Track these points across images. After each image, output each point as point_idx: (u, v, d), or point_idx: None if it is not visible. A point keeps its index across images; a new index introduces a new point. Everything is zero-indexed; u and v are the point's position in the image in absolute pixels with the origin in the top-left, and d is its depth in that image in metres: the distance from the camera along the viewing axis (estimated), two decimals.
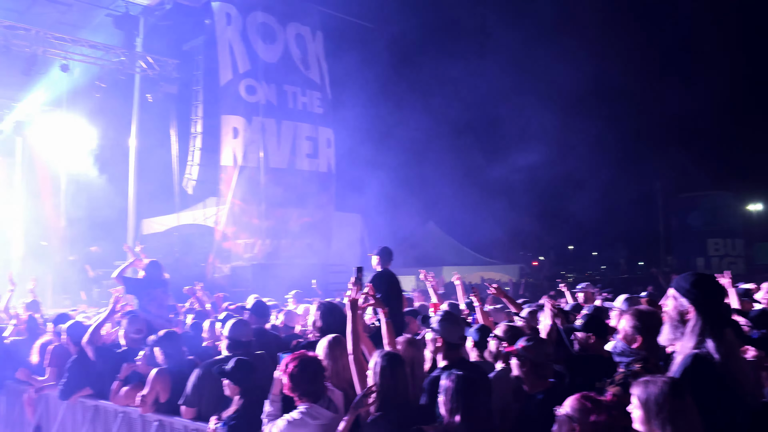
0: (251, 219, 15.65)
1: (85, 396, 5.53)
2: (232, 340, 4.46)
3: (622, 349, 3.39)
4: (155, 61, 15.27)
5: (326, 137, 17.49)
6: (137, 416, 4.96)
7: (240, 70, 16.03)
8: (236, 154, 15.79)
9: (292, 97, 16.94)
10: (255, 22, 16.34)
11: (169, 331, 5.08)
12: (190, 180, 16.19)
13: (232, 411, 3.81)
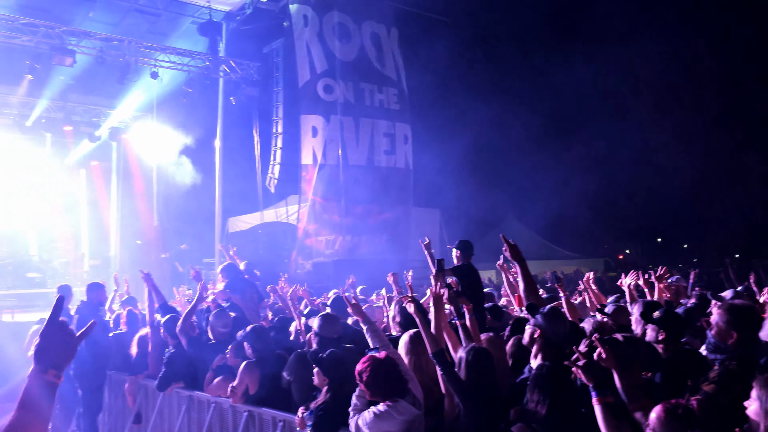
0: (332, 216, 15.92)
1: (179, 386, 5.83)
2: (322, 336, 4.53)
3: (716, 345, 3.25)
4: (237, 65, 15.79)
5: (403, 133, 17.54)
6: (228, 406, 5.17)
7: (317, 70, 16.31)
8: (316, 153, 16.09)
9: (369, 95, 17.07)
10: (331, 22, 16.58)
11: (257, 326, 5.25)
12: (273, 179, 16.64)
13: (320, 402, 3.89)
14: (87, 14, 14.85)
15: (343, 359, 3.94)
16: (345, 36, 16.82)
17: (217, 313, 5.86)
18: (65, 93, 17.05)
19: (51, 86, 16.20)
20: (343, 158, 16.18)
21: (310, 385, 4.18)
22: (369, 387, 3.40)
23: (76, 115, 17.74)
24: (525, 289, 4.35)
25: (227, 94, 16.07)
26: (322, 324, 4.58)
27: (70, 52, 13.36)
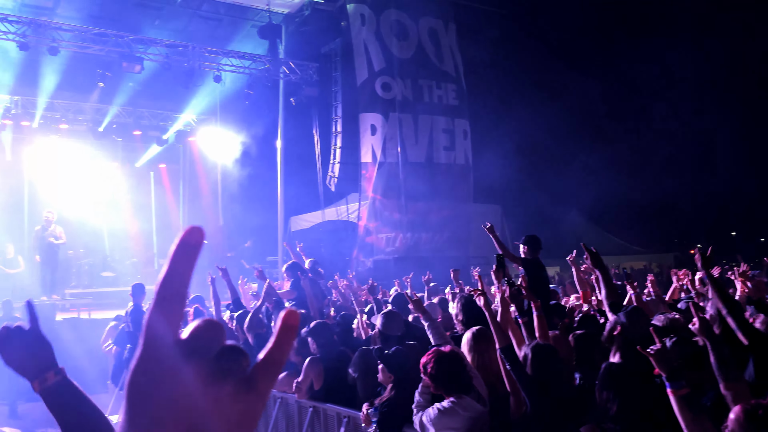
0: (392, 213, 15.95)
1: None
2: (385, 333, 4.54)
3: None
4: (296, 66, 16.01)
5: (462, 129, 17.39)
6: (293, 402, 5.26)
7: (375, 69, 16.35)
8: (375, 151, 16.15)
9: (428, 91, 17.01)
10: (388, 20, 16.60)
11: (320, 322, 5.32)
12: (333, 177, 16.82)
13: (385, 398, 3.90)
14: (153, 22, 15.37)
15: (408, 356, 3.94)
16: (402, 33, 16.81)
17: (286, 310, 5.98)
18: (134, 99, 17.69)
19: (121, 93, 16.85)
20: (403, 155, 16.18)
21: (374, 381, 4.20)
22: (433, 380, 3.38)
23: (145, 119, 18.38)
24: (607, 295, 4.27)
25: (287, 95, 16.33)
26: (385, 321, 4.59)
27: (138, 60, 13.86)
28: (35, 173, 18.43)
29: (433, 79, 17.15)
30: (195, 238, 0.63)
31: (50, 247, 14.07)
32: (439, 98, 17.10)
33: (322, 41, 17.24)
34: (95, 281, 16.60)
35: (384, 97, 16.37)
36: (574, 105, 20.02)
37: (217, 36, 16.33)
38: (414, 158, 16.51)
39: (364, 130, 16.35)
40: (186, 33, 15.60)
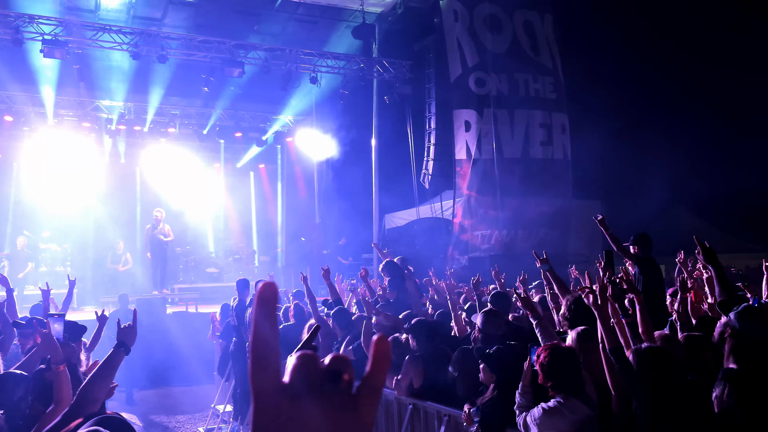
0: (487, 210, 15.74)
1: None
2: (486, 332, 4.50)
3: None
4: (390, 65, 16.13)
5: (561, 123, 16.90)
6: (393, 399, 5.30)
7: (469, 64, 16.18)
8: (470, 147, 16.00)
9: (524, 85, 16.65)
10: (482, 15, 16.38)
11: (420, 319, 5.33)
12: (427, 175, 16.81)
13: (487, 398, 3.86)
14: (252, 28, 15.94)
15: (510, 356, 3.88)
16: (496, 27, 16.54)
17: (381, 307, 6.03)
18: (235, 102, 18.45)
19: (223, 97, 17.61)
20: (498, 152, 15.92)
21: (474, 381, 4.16)
22: (545, 373, 3.31)
23: (245, 121, 19.12)
24: (721, 293, 4.03)
25: (381, 94, 16.47)
26: (486, 320, 4.53)
27: (239, 64, 14.42)
28: (146, 175, 19.59)
29: (529, 72, 16.76)
30: (269, 293, 0.67)
31: (159, 244, 14.92)
32: (536, 92, 16.69)
33: (415, 39, 17.26)
34: (200, 277, 17.44)
35: (478, 92, 16.17)
36: (681, 96, 18.97)
37: (313, 38, 16.71)
38: (510, 154, 16.21)
39: (458, 126, 16.23)
40: (283, 36, 16.07)
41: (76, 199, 17.63)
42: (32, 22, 13.05)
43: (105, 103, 17.30)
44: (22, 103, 16.73)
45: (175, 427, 9.39)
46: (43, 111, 16.67)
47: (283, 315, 8.26)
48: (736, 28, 18.96)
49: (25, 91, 16.08)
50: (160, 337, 11.43)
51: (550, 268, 5.47)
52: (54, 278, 16.27)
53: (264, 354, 0.65)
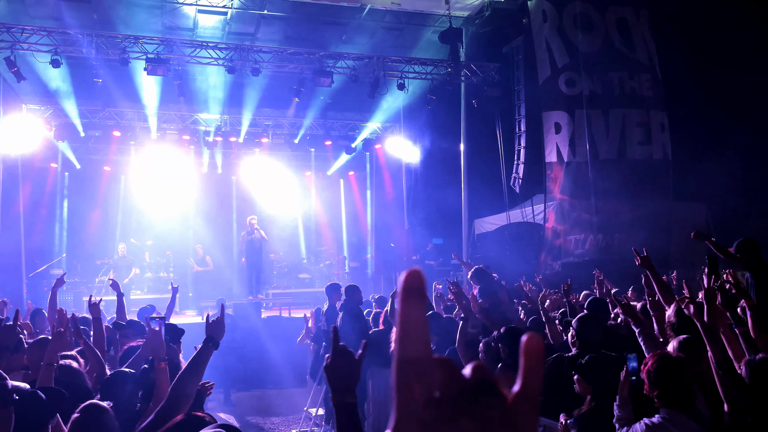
0: (581, 214, 15.20)
1: None
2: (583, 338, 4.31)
3: None
4: (478, 68, 15.94)
5: (659, 121, 16.09)
6: None
7: (558, 65, 15.75)
8: (561, 150, 15.54)
9: (618, 84, 16.00)
10: (572, 14, 15.88)
11: (511, 327, 5.18)
12: (517, 179, 16.47)
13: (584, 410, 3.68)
14: (341, 38, 16.21)
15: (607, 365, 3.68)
16: (587, 26, 15.98)
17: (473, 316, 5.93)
18: (324, 111, 18.84)
19: (313, 106, 18.02)
20: (592, 153, 15.35)
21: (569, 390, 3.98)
22: (651, 383, 3.10)
23: (335, 130, 19.47)
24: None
25: (469, 98, 16.30)
26: (581, 326, 4.33)
27: (328, 74, 14.69)
28: (241, 184, 20.35)
29: (624, 70, 16.08)
30: (417, 282, 0.57)
31: (255, 250, 15.40)
32: (631, 90, 15.99)
33: (503, 41, 16.98)
34: (293, 282, 17.88)
35: (569, 93, 15.68)
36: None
37: (400, 45, 16.79)
38: (605, 155, 15.60)
39: (547, 129, 15.80)
40: (370, 45, 16.24)
41: (177, 209, 18.56)
42: (137, 43, 13.84)
43: (203, 117, 18.12)
44: (128, 119, 17.80)
45: (270, 428, 9.62)
46: (147, 126, 17.66)
47: (373, 321, 8.29)
48: None
49: (131, 107, 17.10)
50: (255, 340, 11.77)
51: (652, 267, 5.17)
52: (157, 283, 17.22)
53: (415, 360, 0.55)
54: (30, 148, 16.59)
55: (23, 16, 14.29)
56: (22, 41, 13.22)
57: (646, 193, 15.43)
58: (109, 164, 19.30)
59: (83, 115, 17.09)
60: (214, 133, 18.32)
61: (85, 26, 13.61)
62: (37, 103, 16.88)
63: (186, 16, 15.08)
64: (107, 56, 13.68)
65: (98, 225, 18.61)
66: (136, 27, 14.54)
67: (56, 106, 16.66)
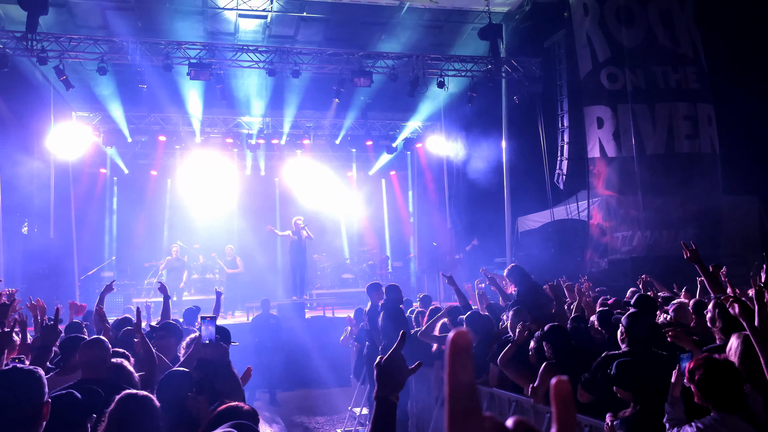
0: (628, 211, 14.86)
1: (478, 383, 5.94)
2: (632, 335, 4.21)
3: None
4: (518, 63, 15.75)
5: (706, 114, 15.61)
6: (529, 407, 5.10)
7: (599, 59, 15.46)
8: (604, 145, 15.25)
9: (662, 77, 15.59)
10: (613, 7, 15.55)
11: (556, 325, 5.10)
12: (561, 175, 16.20)
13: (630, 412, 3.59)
14: (380, 37, 16.23)
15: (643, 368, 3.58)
16: (629, 19, 15.61)
17: (516, 311, 5.85)
18: (365, 111, 18.91)
19: (353, 107, 18.11)
20: (639, 148, 15.00)
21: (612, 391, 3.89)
22: (700, 389, 3.00)
23: (375, 130, 19.53)
24: None
25: (510, 94, 16.12)
26: (631, 323, 4.24)
27: (367, 74, 14.72)
28: (284, 185, 20.59)
29: (668, 63, 15.66)
30: (463, 343, 0.60)
31: (299, 251, 15.51)
32: (677, 83, 15.55)
33: (544, 35, 16.73)
34: (336, 283, 17.98)
35: (610, 88, 15.36)
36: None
37: (439, 42, 16.71)
38: (652, 150, 15.22)
39: (589, 123, 15.51)
40: (410, 44, 16.20)
41: (222, 211, 18.91)
42: (179, 48, 14.13)
43: (245, 120, 18.42)
44: (173, 124, 18.22)
45: (315, 428, 9.70)
46: (191, 130, 18.05)
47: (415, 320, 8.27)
48: None
49: (176, 112, 17.49)
50: (300, 340, 11.89)
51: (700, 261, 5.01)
52: (204, 285, 17.56)
53: (464, 416, 0.57)
54: (80, 155, 17.16)
55: (71, 26, 14.76)
56: (70, 50, 13.64)
57: (694, 189, 15.01)
58: (155, 168, 19.78)
59: (130, 120, 17.57)
60: (257, 135, 18.60)
61: (130, 34, 13.96)
62: (86, 110, 17.43)
63: (227, 20, 15.32)
64: (151, 62, 14.00)
65: (146, 228, 19.09)
66: (179, 33, 14.85)
67: (104, 113, 17.17)
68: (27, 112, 14.89)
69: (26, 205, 14.88)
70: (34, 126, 15.35)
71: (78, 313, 7.27)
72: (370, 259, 19.07)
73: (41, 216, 15.87)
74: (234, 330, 11.59)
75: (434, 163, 19.69)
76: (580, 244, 15.07)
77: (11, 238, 13.97)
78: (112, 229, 19.33)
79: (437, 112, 18.69)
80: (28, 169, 14.52)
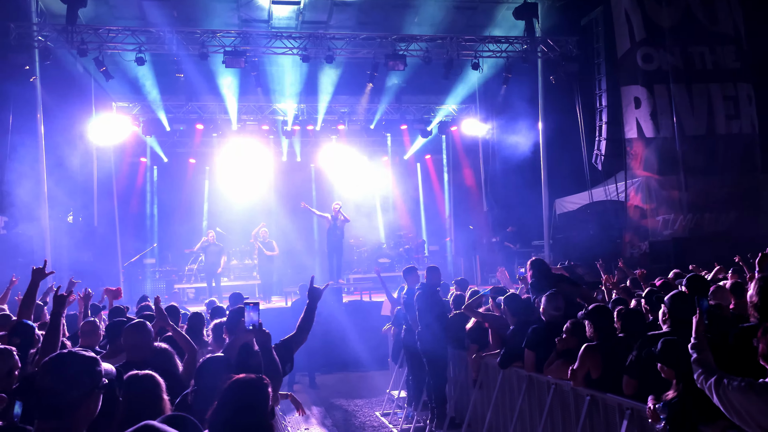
0: (669, 192, 14.54)
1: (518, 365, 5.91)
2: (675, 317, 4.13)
3: None
4: (555, 42, 15.44)
5: (746, 94, 15.17)
6: (569, 390, 5.05)
7: (637, 39, 15.09)
8: (642, 125, 14.93)
9: (699, 57, 15.18)
10: None
11: (600, 305, 5.03)
12: (599, 155, 15.91)
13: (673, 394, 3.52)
14: (413, 20, 16.07)
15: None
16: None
17: (549, 296, 5.78)
18: (399, 95, 18.82)
19: (387, 91, 18.04)
20: (678, 129, 14.65)
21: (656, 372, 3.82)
22: (756, 308, 2.93)
23: (410, 114, 19.45)
24: None
25: (546, 74, 15.83)
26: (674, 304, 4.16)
27: (401, 57, 14.61)
28: (320, 171, 20.70)
29: (706, 43, 15.21)
30: None
31: (337, 236, 15.59)
32: (714, 63, 15.11)
33: (581, 13, 16.35)
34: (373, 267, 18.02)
35: (646, 68, 15.01)
36: None
37: (473, 24, 16.47)
38: (692, 131, 14.85)
39: (626, 103, 15.19)
40: (443, 26, 16.01)
41: (259, 197, 19.11)
42: (214, 37, 14.25)
43: (280, 106, 18.51)
44: (210, 112, 18.43)
45: (354, 410, 9.79)
46: (228, 118, 18.22)
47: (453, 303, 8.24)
48: None
49: (212, 100, 17.66)
50: (338, 324, 11.98)
51: None
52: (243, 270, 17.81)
53: None
54: (121, 144, 17.51)
55: (108, 18, 14.99)
56: (109, 41, 13.89)
57: (735, 169, 14.64)
58: (194, 156, 20.08)
59: (168, 110, 17.83)
60: (292, 122, 18.68)
61: (166, 24, 14.11)
62: (126, 100, 17.75)
63: (260, 8, 15.36)
64: (188, 51, 14.14)
65: (185, 215, 19.41)
66: (214, 21, 14.95)
67: (143, 103, 17.46)
68: (69, 104, 15.23)
69: (71, 195, 15.26)
70: (77, 117, 15.70)
71: (116, 297, 7.42)
72: (406, 243, 19.07)
73: (85, 205, 16.28)
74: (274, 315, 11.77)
75: (469, 145, 19.52)
76: (619, 227, 14.80)
77: (57, 227, 14.36)
78: (153, 216, 19.70)
79: (472, 95, 18.49)
80: (72, 160, 14.87)
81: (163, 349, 4.29)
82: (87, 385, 2.26)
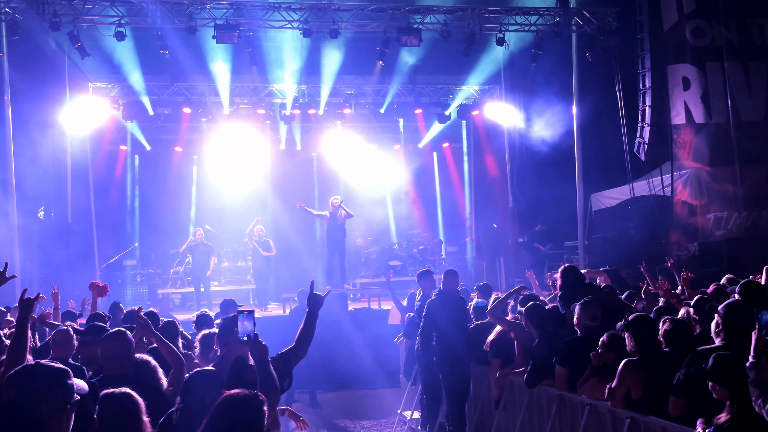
0: (723, 186, 14.43)
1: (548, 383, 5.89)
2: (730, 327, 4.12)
3: None
4: (591, 15, 15.34)
5: None
6: (606, 411, 5.04)
7: (685, 10, 15.00)
8: (691, 110, 14.84)
9: (759, 31, 15.09)
10: None
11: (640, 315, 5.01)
12: (643, 144, 15.78)
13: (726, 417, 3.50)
14: None
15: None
16: None
17: (584, 303, 5.75)
18: (413, 75, 18.78)
19: (400, 70, 17.99)
20: (733, 113, 14.54)
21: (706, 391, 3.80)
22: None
23: (425, 96, 19.38)
24: None
25: (582, 51, 15.74)
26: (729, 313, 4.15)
27: (415, 32, 14.58)
28: (323, 161, 20.71)
29: (766, 15, 15.15)
30: None
31: (337, 233, 15.52)
32: None
33: None
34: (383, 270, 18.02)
35: (696, 44, 14.91)
36: None
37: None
38: (748, 116, 14.76)
39: (673, 85, 15.10)
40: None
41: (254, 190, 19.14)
42: (204, 8, 14.25)
43: (278, 88, 18.50)
44: (199, 94, 18.47)
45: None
46: (218, 100, 18.24)
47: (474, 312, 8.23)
48: None
49: (202, 81, 17.71)
50: (342, 335, 12.00)
51: None
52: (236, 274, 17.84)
53: None
54: (98, 130, 17.57)
55: None
56: (84, 13, 13.92)
57: None
58: (180, 144, 20.13)
59: (151, 91, 17.86)
60: (291, 105, 18.68)
61: None
62: (104, 81, 17.82)
63: None
64: (173, 25, 14.16)
65: (170, 211, 19.46)
66: None
67: (123, 83, 17.52)
68: (41, 84, 15.30)
69: (42, 188, 15.33)
70: (49, 99, 15.77)
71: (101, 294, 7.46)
72: (420, 244, 19.04)
73: (58, 199, 16.38)
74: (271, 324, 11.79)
75: (493, 132, 19.42)
76: (665, 225, 14.74)
77: (27, 223, 14.44)
78: (134, 212, 19.81)
79: (496, 74, 18.38)
80: (43, 148, 14.94)
81: (146, 362, 4.32)
82: (58, 398, 2.27)
